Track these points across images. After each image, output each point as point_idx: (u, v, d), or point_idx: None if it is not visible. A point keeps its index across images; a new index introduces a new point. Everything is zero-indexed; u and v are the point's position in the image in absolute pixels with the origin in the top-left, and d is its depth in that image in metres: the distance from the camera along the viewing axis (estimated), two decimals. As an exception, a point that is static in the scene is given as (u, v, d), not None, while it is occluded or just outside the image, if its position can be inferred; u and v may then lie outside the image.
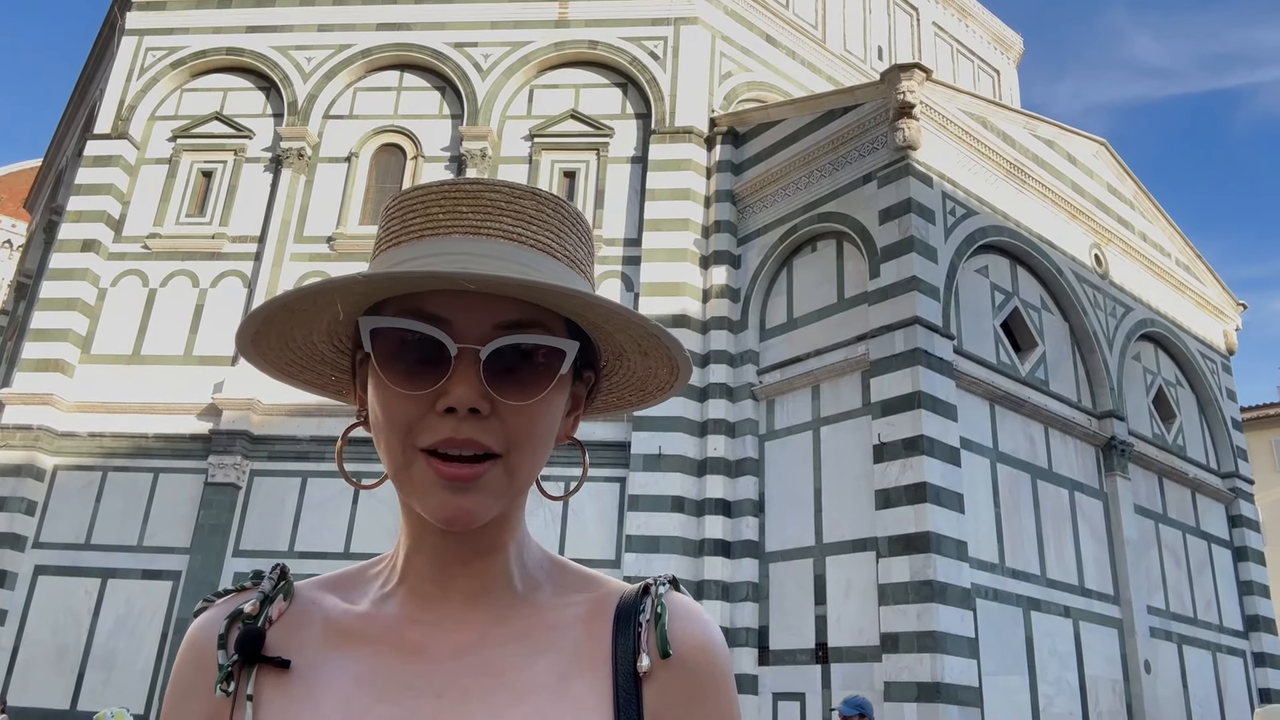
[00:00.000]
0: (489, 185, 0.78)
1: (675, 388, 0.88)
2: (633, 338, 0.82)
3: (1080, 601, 11.73)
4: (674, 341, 0.81)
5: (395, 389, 0.75)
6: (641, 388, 0.89)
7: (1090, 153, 14.60)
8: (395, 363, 0.75)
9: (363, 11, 15.31)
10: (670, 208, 13.46)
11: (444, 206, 0.78)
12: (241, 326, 0.79)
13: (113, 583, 12.34)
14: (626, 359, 0.86)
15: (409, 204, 0.80)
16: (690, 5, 14.79)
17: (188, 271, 14.06)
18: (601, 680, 0.78)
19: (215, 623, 0.82)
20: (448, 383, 0.74)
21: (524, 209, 0.78)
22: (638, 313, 0.77)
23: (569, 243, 0.80)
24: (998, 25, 21.16)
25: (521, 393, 0.75)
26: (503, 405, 0.75)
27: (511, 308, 0.75)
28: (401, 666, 0.79)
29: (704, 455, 12.27)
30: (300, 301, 0.77)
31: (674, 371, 0.85)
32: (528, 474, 0.79)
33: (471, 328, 0.74)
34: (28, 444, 12.79)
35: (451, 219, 0.77)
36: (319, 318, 0.80)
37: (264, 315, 0.78)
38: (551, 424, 0.80)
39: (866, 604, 10.47)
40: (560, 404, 0.81)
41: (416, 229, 0.78)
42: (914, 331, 10.76)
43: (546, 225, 0.79)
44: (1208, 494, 15.01)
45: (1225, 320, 16.80)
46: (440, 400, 0.74)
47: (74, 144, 17.38)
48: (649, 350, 0.83)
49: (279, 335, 0.81)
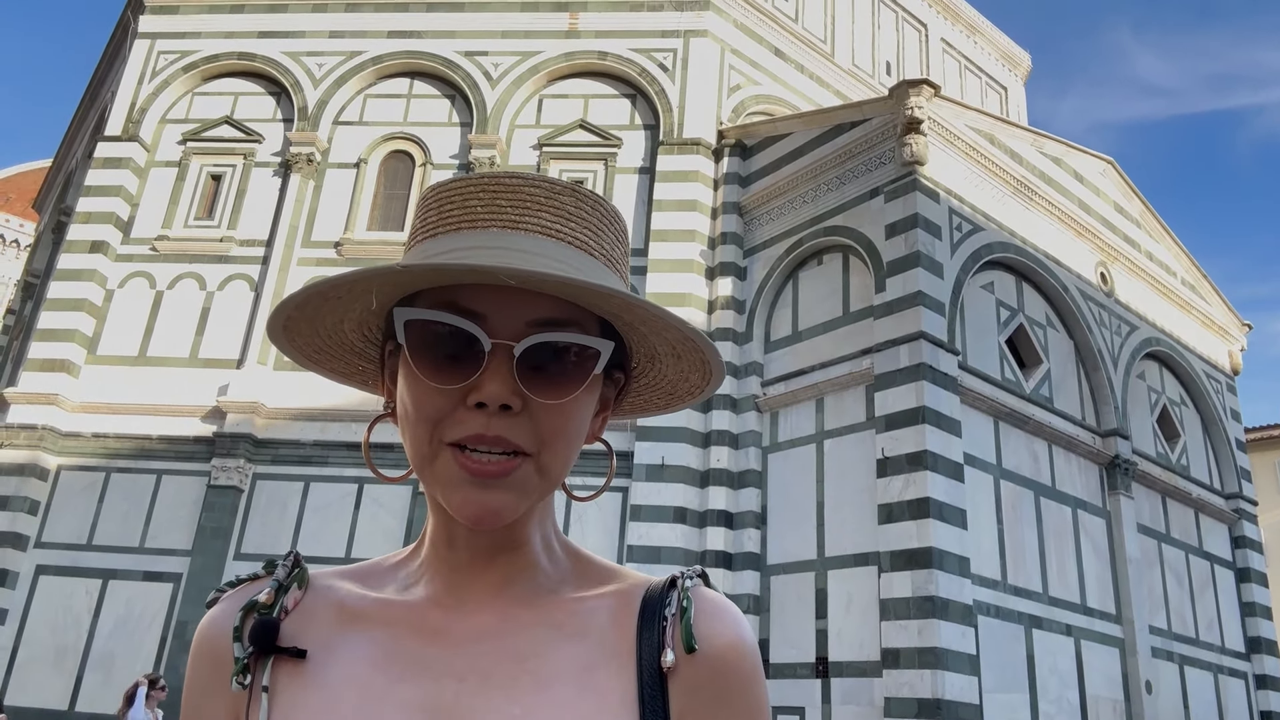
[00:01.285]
0: (529, 180, 0.78)
1: (706, 393, 0.87)
2: (668, 341, 0.81)
3: (1082, 620, 11.68)
4: (710, 347, 0.80)
5: (427, 381, 0.74)
6: (671, 391, 0.88)
7: (1097, 171, 14.62)
8: (428, 355, 0.74)
9: (374, 19, 15.39)
10: (677, 219, 13.49)
11: (483, 200, 0.77)
12: (275, 311, 0.78)
13: (113, 584, 12.33)
14: (659, 362, 0.84)
15: (447, 195, 0.79)
16: (700, 18, 14.86)
17: (195, 274, 14.10)
18: (626, 673, 0.76)
19: (229, 615, 0.81)
20: (480, 378, 0.73)
21: (563, 205, 0.77)
22: (675, 315, 0.76)
23: (606, 241, 0.79)
24: (1006, 42, 21.22)
25: (554, 391, 0.74)
26: (534, 403, 0.74)
27: (547, 305, 0.74)
28: (421, 649, 0.78)
29: (707, 466, 12.26)
30: (337, 290, 0.76)
31: (706, 377, 0.84)
32: (558, 473, 0.78)
33: (506, 323, 0.74)
34: (32, 443, 12.81)
35: (490, 212, 0.76)
36: (352, 306, 0.79)
37: (299, 301, 0.77)
38: (582, 424, 0.79)
39: (868, 619, 10.43)
40: (591, 404, 0.80)
41: (454, 221, 0.77)
42: (919, 346, 10.76)
43: (585, 222, 0.78)
44: (1211, 514, 14.96)
45: (1230, 340, 16.78)
46: (471, 395, 0.73)
47: (84, 145, 17.46)
48: (683, 354, 0.82)
49: (309, 321, 0.80)
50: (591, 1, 15.17)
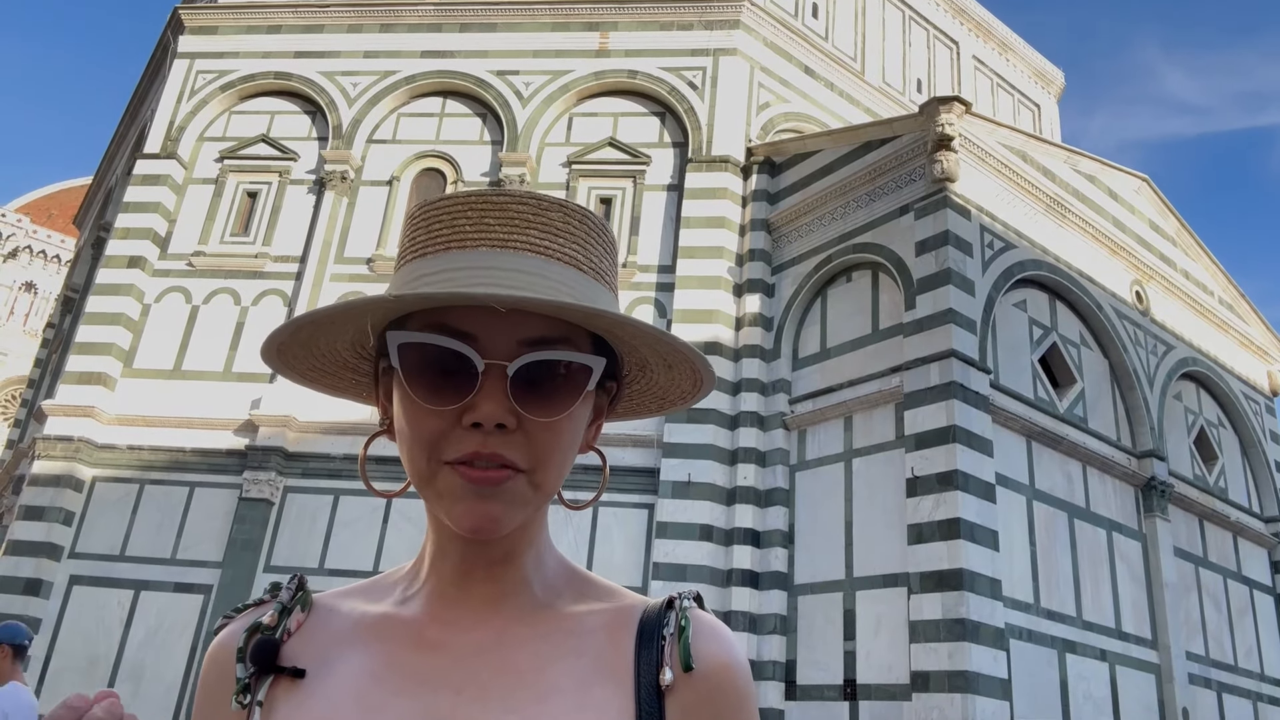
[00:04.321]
0: (516, 197, 0.79)
1: (696, 398, 0.88)
2: (658, 352, 0.82)
3: (1117, 645, 11.45)
4: (699, 357, 0.81)
5: (422, 404, 0.75)
6: (663, 396, 0.90)
7: (1132, 189, 14.45)
8: (422, 377, 0.76)
9: (408, 39, 15.61)
10: (705, 235, 13.50)
11: (470, 219, 0.78)
12: (269, 339, 0.80)
13: (145, 595, 12.48)
14: (649, 370, 0.86)
15: (435, 215, 0.80)
16: (729, 37, 14.91)
17: (230, 289, 14.32)
18: (623, 690, 0.77)
19: (235, 636, 0.83)
20: (475, 398, 0.74)
21: (551, 221, 0.78)
22: (664, 330, 0.78)
23: (595, 255, 0.80)
24: (1039, 60, 21.08)
25: (547, 409, 0.76)
26: (528, 421, 0.75)
27: (538, 324, 0.76)
28: (419, 661, 0.79)
29: (734, 484, 12.20)
30: (330, 319, 0.78)
31: (697, 384, 0.86)
32: (552, 486, 0.79)
33: (498, 344, 0.75)
34: (68, 455, 13.03)
35: (478, 231, 0.77)
36: (345, 329, 0.81)
37: (291, 330, 0.79)
38: (575, 437, 0.80)
39: (897, 641, 10.30)
40: (584, 417, 0.82)
41: (443, 240, 0.78)
42: (949, 365, 10.66)
43: (573, 238, 0.79)
44: (1250, 538, 14.64)
45: (1269, 361, 16.47)
46: (466, 415, 0.74)
47: (124, 163, 17.83)
48: (674, 364, 0.84)
49: (303, 345, 0.82)
50: (622, 21, 15.29)
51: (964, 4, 19.58)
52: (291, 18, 15.96)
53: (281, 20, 15.99)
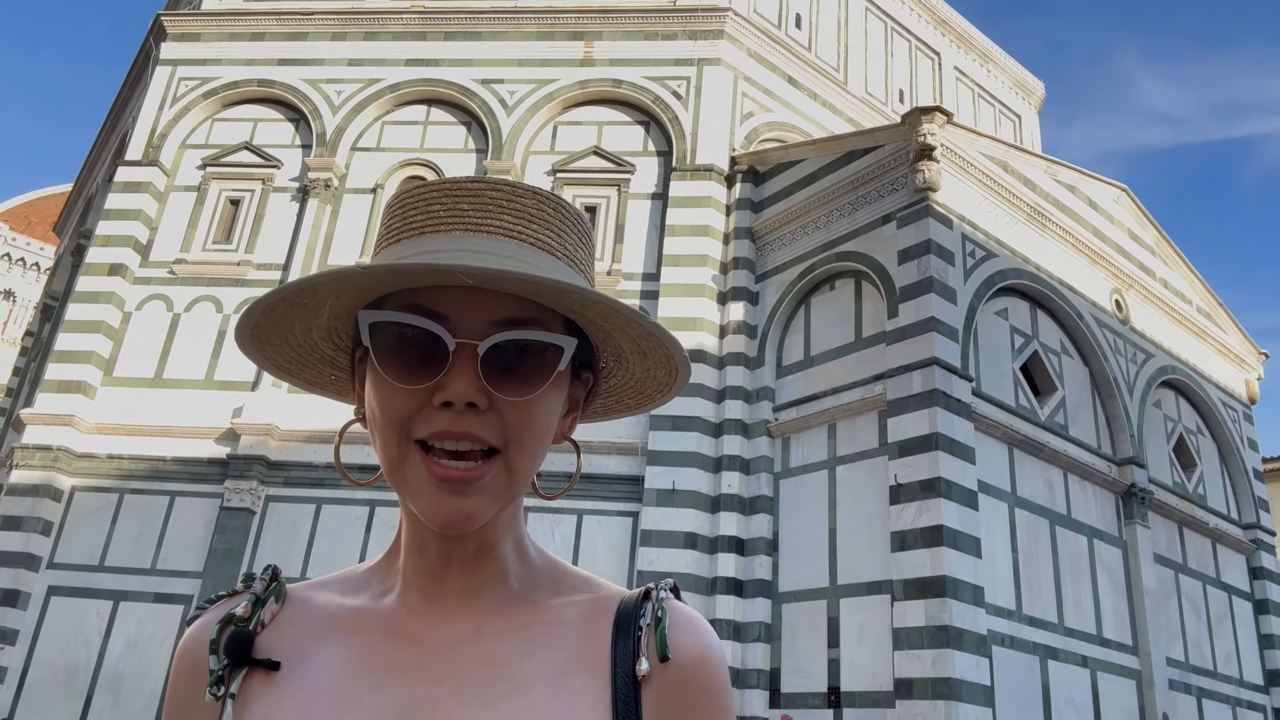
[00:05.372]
0: (491, 184, 0.79)
1: (673, 391, 0.88)
2: (631, 337, 0.82)
3: (1098, 651, 11.53)
4: (673, 341, 0.81)
5: (393, 383, 0.75)
6: (640, 390, 0.89)
7: (1111, 198, 14.60)
8: (393, 357, 0.76)
9: (393, 47, 15.60)
10: (689, 244, 13.53)
11: (445, 204, 0.78)
12: (241, 320, 0.79)
13: (124, 605, 12.35)
14: (625, 360, 0.86)
15: (410, 201, 0.80)
16: (713, 47, 14.98)
17: (212, 297, 14.23)
18: (600, 680, 0.77)
19: (207, 628, 0.82)
20: (445, 377, 0.74)
21: (525, 207, 0.79)
22: (636, 310, 0.78)
23: (569, 242, 0.81)
24: (1019, 71, 21.29)
25: (519, 388, 0.76)
26: (500, 400, 0.75)
27: (510, 304, 0.76)
28: (396, 655, 0.78)
29: (718, 492, 12.22)
30: (300, 295, 0.77)
31: (672, 373, 0.85)
32: (525, 472, 0.79)
33: (469, 323, 0.75)
34: (47, 464, 12.89)
35: (453, 216, 0.78)
36: (318, 312, 0.80)
37: (263, 308, 0.78)
38: (549, 421, 0.80)
39: (880, 648, 10.32)
40: (558, 402, 0.81)
41: (418, 225, 0.78)
42: (932, 372, 10.72)
43: (547, 224, 0.79)
44: (1229, 545, 14.77)
45: (1247, 369, 16.65)
46: (437, 394, 0.74)
47: (105, 170, 17.71)
48: (648, 351, 0.83)
49: (279, 330, 0.81)
50: (606, 31, 15.33)
51: (946, 15, 19.76)
52: (275, 25, 15.92)
53: (265, 28, 15.95)
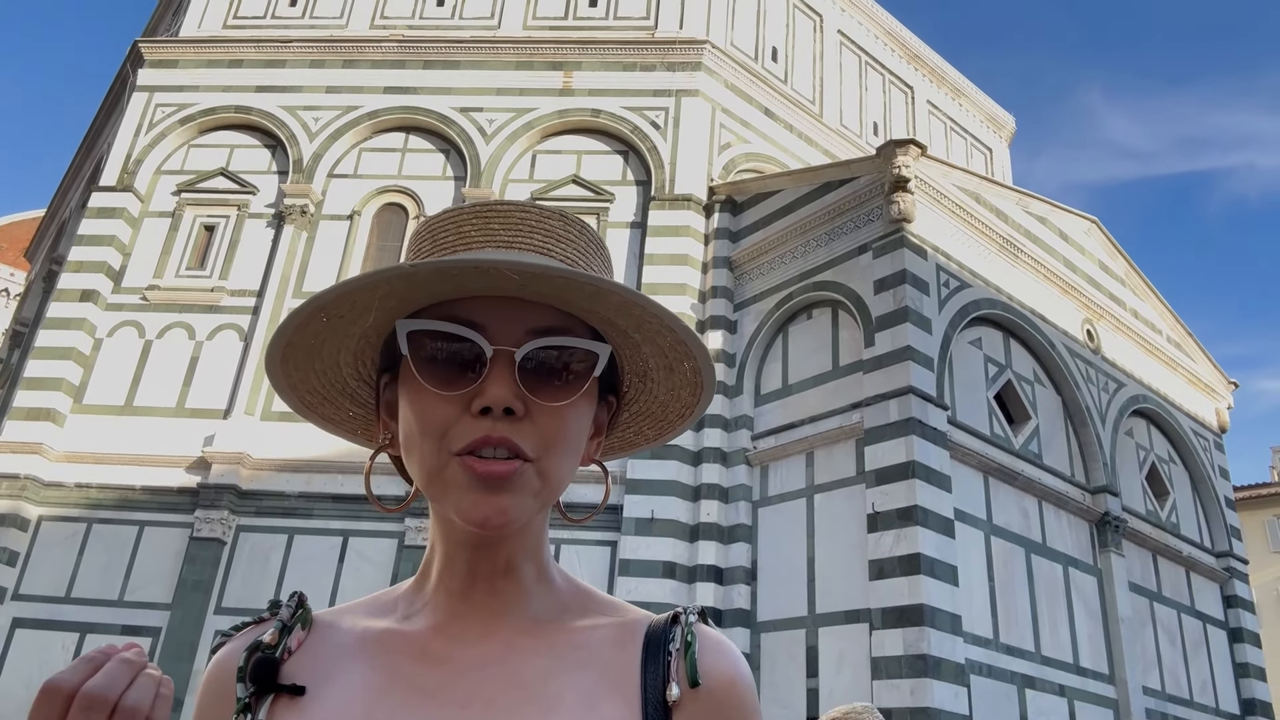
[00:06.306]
0: (519, 206, 0.82)
1: (696, 411, 0.89)
2: (660, 349, 0.83)
3: (1075, 680, 11.55)
4: (702, 350, 0.82)
5: (431, 390, 0.77)
6: (661, 416, 0.90)
7: (1081, 230, 14.84)
8: (431, 365, 0.77)
9: (371, 75, 15.64)
10: (668, 272, 13.59)
11: (476, 225, 0.81)
12: (277, 333, 0.79)
13: (91, 638, 12.05)
14: (649, 381, 0.87)
15: (441, 224, 0.82)
16: (691, 78, 15.15)
17: (185, 324, 14.08)
18: (630, 704, 0.77)
19: (234, 655, 0.82)
20: (483, 383, 0.76)
21: (553, 228, 0.81)
22: (671, 313, 0.79)
23: (594, 264, 0.83)
24: (990, 105, 21.69)
25: (554, 394, 0.77)
26: (536, 407, 0.77)
27: (544, 314, 0.78)
28: (424, 676, 0.78)
29: (697, 520, 12.18)
30: (339, 303, 0.77)
31: (697, 391, 0.87)
32: (557, 480, 0.80)
33: (506, 332, 0.77)
34: (14, 493, 12.63)
35: (484, 235, 0.80)
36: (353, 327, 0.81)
37: (299, 321, 0.78)
38: (581, 432, 0.81)
39: (859, 677, 10.28)
40: (588, 416, 0.82)
41: (449, 245, 0.80)
42: (908, 401, 10.79)
43: (574, 244, 0.82)
44: (1202, 573, 14.90)
45: (1217, 398, 16.89)
46: (476, 401, 0.75)
47: (79, 195, 17.55)
48: (674, 365, 0.84)
49: (307, 354, 0.82)
50: (585, 61, 15.47)
51: (918, 50, 20.12)
52: (254, 52, 15.92)
53: (244, 55, 15.95)
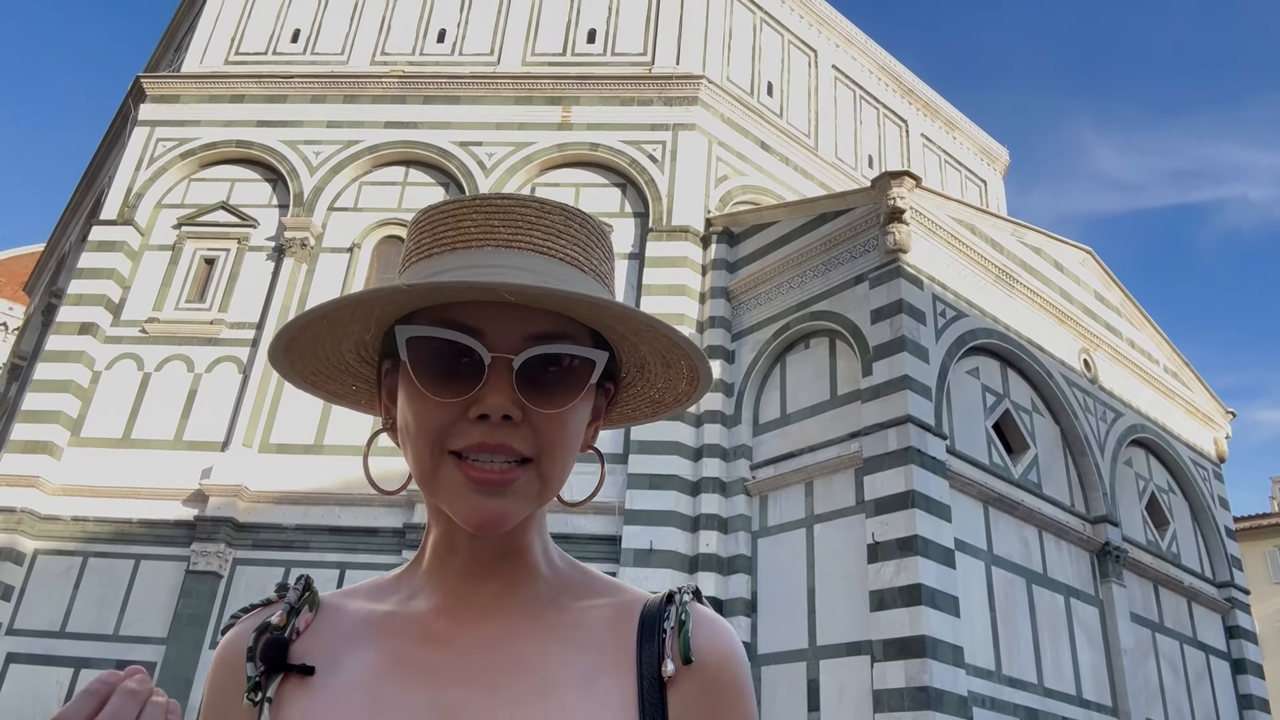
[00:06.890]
0: (519, 200, 0.82)
1: (692, 399, 0.91)
2: (657, 350, 0.85)
3: (1078, 713, 11.43)
4: (699, 354, 0.85)
5: (429, 396, 0.77)
6: (659, 400, 0.92)
7: (1077, 260, 14.94)
8: (429, 370, 0.77)
9: (371, 110, 15.80)
10: (666, 303, 13.65)
11: (476, 220, 0.81)
12: (278, 334, 0.81)
13: (85, 674, 11.93)
14: (648, 371, 0.89)
15: (440, 217, 0.82)
16: (688, 113, 15.32)
17: (183, 356, 14.10)
18: (626, 682, 0.79)
19: (244, 636, 0.84)
20: (481, 390, 0.76)
21: (553, 224, 0.81)
22: (667, 325, 0.81)
23: (594, 257, 0.84)
24: (984, 138, 21.91)
25: (552, 401, 0.78)
26: (534, 412, 0.78)
27: (543, 319, 0.78)
28: (427, 656, 0.80)
29: (696, 551, 12.12)
30: (339, 312, 0.79)
31: (693, 383, 0.89)
32: (557, 479, 0.81)
33: (504, 338, 0.77)
34: (10, 527, 12.56)
35: (483, 232, 0.80)
36: (352, 327, 0.82)
37: (302, 324, 0.80)
38: (578, 432, 0.82)
39: (861, 711, 10.18)
40: (586, 413, 0.84)
41: (448, 241, 0.81)
42: (906, 430, 10.79)
43: (574, 239, 0.82)
44: (1204, 603, 14.81)
45: (1215, 428, 16.89)
46: (473, 408, 0.76)
47: (79, 229, 17.64)
48: (671, 362, 0.86)
49: (310, 346, 0.84)
50: (584, 96, 15.65)
51: (912, 84, 20.37)
52: (255, 88, 16.09)
53: (245, 90, 16.12)
